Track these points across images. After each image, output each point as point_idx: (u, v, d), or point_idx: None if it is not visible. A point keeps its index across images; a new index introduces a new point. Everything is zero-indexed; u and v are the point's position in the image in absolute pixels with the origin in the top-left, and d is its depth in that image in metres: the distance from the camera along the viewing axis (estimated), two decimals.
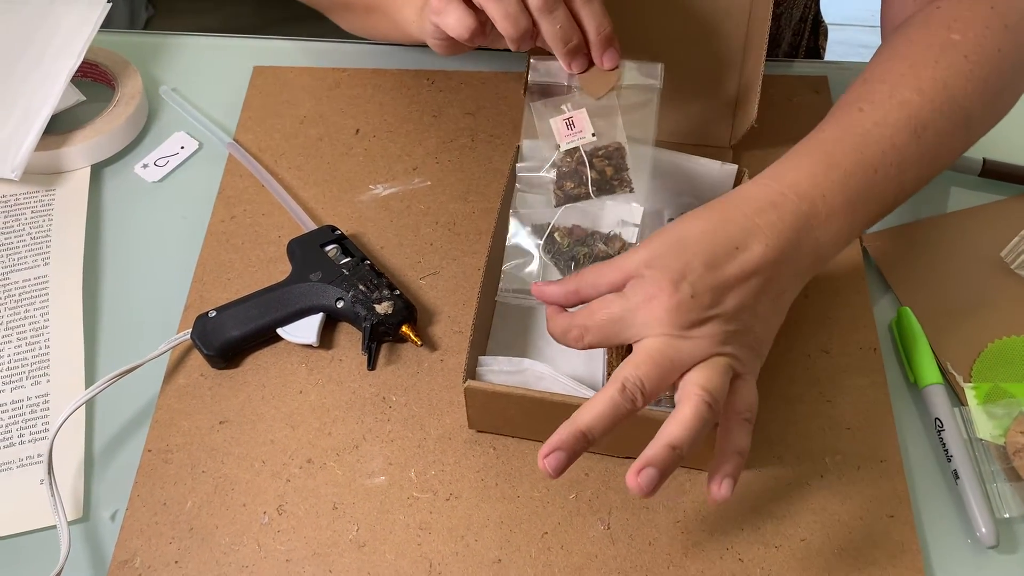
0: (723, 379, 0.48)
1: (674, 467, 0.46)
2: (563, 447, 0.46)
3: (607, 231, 0.57)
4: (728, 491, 0.48)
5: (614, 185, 0.57)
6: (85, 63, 0.76)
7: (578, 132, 0.57)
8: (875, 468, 0.57)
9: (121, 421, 0.61)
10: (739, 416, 0.50)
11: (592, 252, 0.56)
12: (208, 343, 0.61)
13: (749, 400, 0.50)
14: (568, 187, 0.57)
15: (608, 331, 0.50)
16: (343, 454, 0.58)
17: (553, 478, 0.47)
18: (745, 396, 0.50)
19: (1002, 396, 0.60)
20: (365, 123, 0.75)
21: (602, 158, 0.58)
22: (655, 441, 0.47)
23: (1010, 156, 0.72)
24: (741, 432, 0.49)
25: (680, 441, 0.46)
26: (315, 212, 0.70)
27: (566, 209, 0.57)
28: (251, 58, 0.80)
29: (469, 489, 0.57)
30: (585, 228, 0.57)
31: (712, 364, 0.49)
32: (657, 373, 0.48)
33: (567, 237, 0.56)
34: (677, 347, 0.48)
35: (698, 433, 0.47)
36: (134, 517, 0.57)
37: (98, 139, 0.72)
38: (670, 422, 0.47)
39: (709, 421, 0.47)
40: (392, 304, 0.61)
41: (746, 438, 0.49)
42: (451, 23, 0.54)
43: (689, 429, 0.46)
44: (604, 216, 0.57)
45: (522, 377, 0.57)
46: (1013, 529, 0.56)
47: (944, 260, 0.67)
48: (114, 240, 0.70)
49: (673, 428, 0.47)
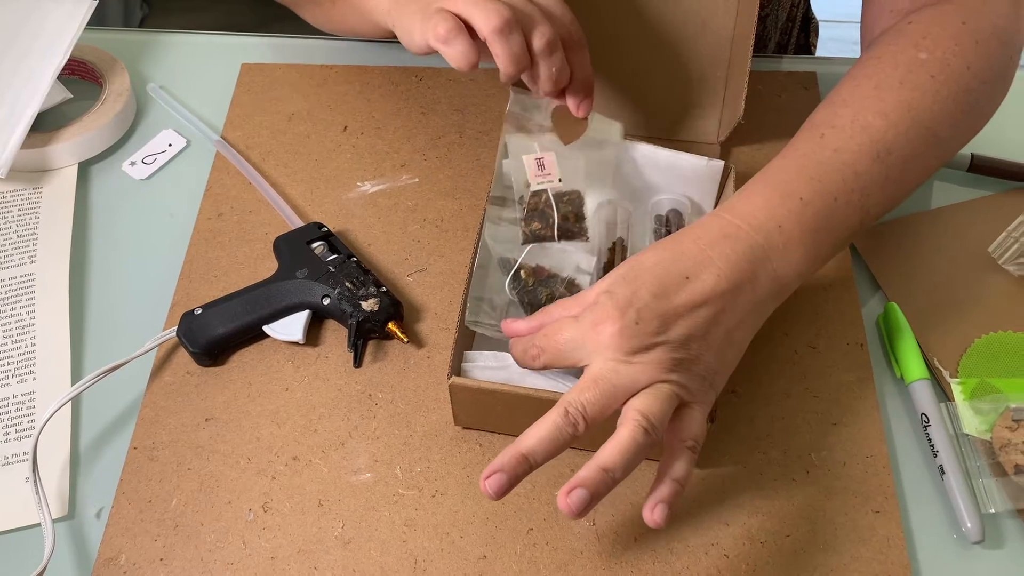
0: (664, 405, 0.48)
1: (606, 490, 0.47)
2: (504, 469, 0.47)
3: (566, 275, 0.59)
4: (660, 517, 0.48)
5: (574, 232, 0.60)
6: (73, 60, 0.76)
7: (547, 174, 0.59)
8: (861, 464, 0.57)
9: (107, 418, 0.61)
10: (682, 444, 0.49)
11: (553, 294, 0.58)
12: (194, 340, 0.61)
13: (693, 429, 0.50)
14: (535, 227, 0.59)
15: (560, 352, 0.51)
16: (329, 451, 0.58)
17: (494, 499, 0.47)
18: (689, 425, 0.50)
19: (989, 391, 0.60)
20: (353, 120, 0.75)
21: (566, 203, 0.60)
22: (589, 463, 0.47)
23: (999, 151, 0.72)
24: (681, 460, 0.49)
25: (613, 464, 0.47)
26: (302, 209, 0.70)
27: (532, 248, 0.59)
28: (239, 55, 0.80)
29: (455, 486, 0.57)
30: (548, 269, 0.59)
31: (655, 391, 0.49)
32: (599, 398, 0.48)
33: (531, 276, 0.58)
34: (620, 372, 0.49)
35: (632, 457, 0.47)
36: (119, 515, 0.56)
37: (85, 137, 0.72)
38: (606, 445, 0.47)
39: (644, 446, 0.47)
40: (378, 301, 0.61)
41: (686, 466, 0.49)
42: (454, 55, 0.54)
43: (623, 453, 0.47)
44: (565, 260, 0.59)
45: (507, 373, 0.57)
46: (999, 524, 0.56)
47: (932, 256, 0.67)
48: (101, 238, 0.69)
49: (607, 451, 0.47)
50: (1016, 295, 0.64)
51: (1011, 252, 0.65)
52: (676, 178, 0.65)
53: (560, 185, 0.60)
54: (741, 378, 0.60)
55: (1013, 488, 0.56)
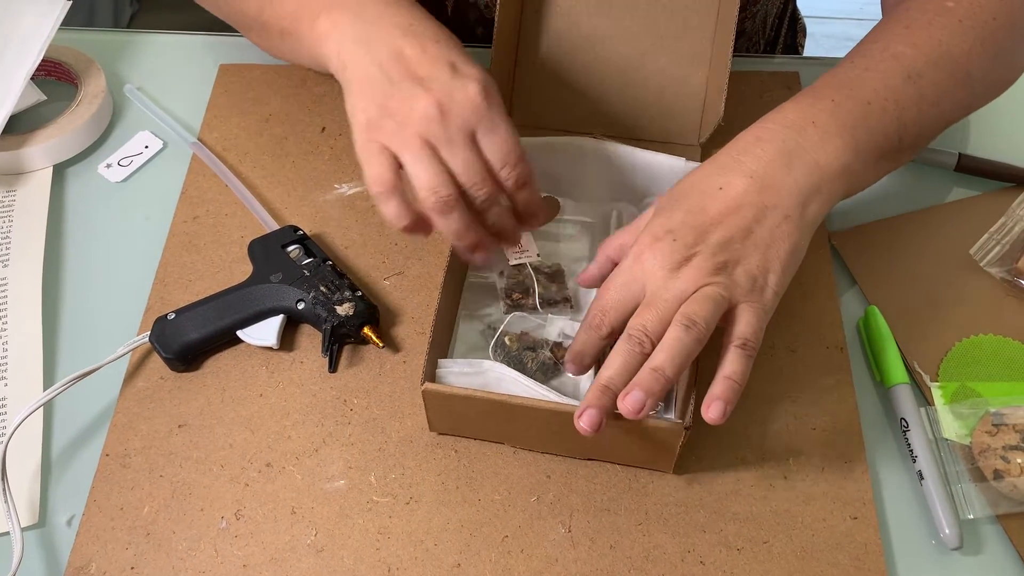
0: (707, 305, 0.50)
1: (660, 389, 0.49)
2: (593, 404, 0.50)
3: (553, 340, 0.60)
4: (716, 413, 0.49)
5: (557, 300, 0.62)
6: (48, 61, 0.75)
7: (525, 251, 0.62)
8: (840, 469, 0.57)
9: (79, 424, 0.60)
10: (731, 343, 0.51)
11: (539, 357, 0.59)
12: (167, 346, 0.60)
13: (742, 328, 0.51)
14: (516, 297, 0.61)
15: (620, 302, 0.53)
16: (303, 458, 0.58)
17: (592, 434, 0.50)
18: (739, 324, 0.51)
19: (969, 395, 0.59)
20: (331, 121, 0.74)
21: (546, 276, 0.63)
22: (643, 367, 0.50)
23: (987, 151, 0.71)
24: (731, 358, 0.51)
25: (661, 364, 0.49)
26: (279, 212, 0.69)
27: (515, 316, 0.61)
28: (218, 56, 0.79)
29: (430, 493, 0.56)
30: (533, 336, 0.60)
31: (699, 294, 0.51)
32: (655, 314, 0.51)
33: (516, 342, 0.60)
34: (668, 286, 0.51)
35: (677, 354, 0.49)
36: (90, 522, 0.56)
37: (60, 139, 0.71)
38: (656, 350, 0.50)
39: (688, 343, 0.49)
40: (353, 305, 0.61)
41: (735, 364, 0.50)
42: (387, 214, 0.55)
43: (668, 351, 0.49)
44: (549, 327, 0.61)
45: (483, 379, 0.57)
46: (978, 530, 0.55)
47: (913, 258, 0.66)
48: (76, 241, 0.69)
49: (656, 355, 0.50)
50: (998, 298, 0.64)
51: (993, 254, 0.65)
52: (654, 179, 0.65)
53: (539, 259, 0.62)
54: None
55: (992, 494, 0.55)
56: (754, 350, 0.51)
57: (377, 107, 0.54)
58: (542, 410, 0.53)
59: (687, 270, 0.51)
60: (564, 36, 0.69)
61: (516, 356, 0.59)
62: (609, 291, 0.53)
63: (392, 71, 0.55)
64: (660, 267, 0.52)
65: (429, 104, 0.53)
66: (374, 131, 0.55)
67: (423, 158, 0.53)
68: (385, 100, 0.54)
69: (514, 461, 0.57)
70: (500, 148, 0.55)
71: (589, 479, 0.57)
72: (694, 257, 0.51)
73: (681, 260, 0.51)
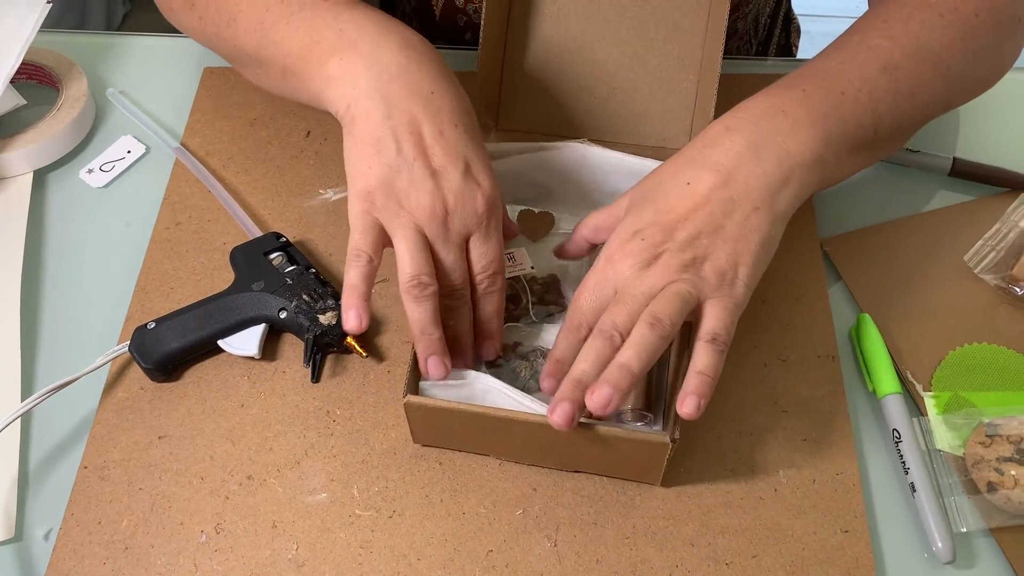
0: (672, 303, 0.50)
1: (627, 384, 0.49)
2: (566, 398, 0.50)
3: (546, 348, 0.59)
4: (691, 408, 0.50)
5: (552, 309, 0.61)
6: (28, 65, 0.74)
7: (519, 264, 0.61)
8: (831, 481, 0.56)
9: (58, 436, 0.59)
10: (700, 340, 0.51)
11: (533, 367, 0.58)
12: (146, 356, 0.59)
13: (711, 324, 0.51)
14: (510, 308, 0.60)
15: (593, 304, 0.53)
16: (284, 470, 0.57)
17: (566, 428, 0.50)
18: (707, 320, 0.51)
19: (963, 406, 0.58)
20: (316, 125, 0.73)
21: (541, 286, 0.62)
22: (611, 363, 0.50)
23: (981, 156, 0.70)
24: (702, 353, 0.51)
25: (627, 360, 0.50)
26: (262, 218, 0.68)
27: (507, 328, 0.59)
28: (202, 59, 0.78)
29: (413, 506, 0.55)
30: (526, 346, 0.60)
31: (666, 291, 0.51)
32: (624, 310, 0.51)
33: (509, 352, 0.59)
34: (637, 284, 0.52)
35: (642, 351, 0.50)
36: (68, 536, 0.55)
37: (41, 143, 0.70)
38: (623, 348, 0.50)
39: (652, 341, 0.50)
40: (336, 314, 0.59)
41: (707, 359, 0.51)
42: (348, 280, 0.54)
43: (634, 348, 0.50)
44: (542, 335, 0.60)
45: (468, 390, 0.56)
46: (971, 543, 0.54)
47: (906, 265, 0.65)
48: (56, 248, 0.68)
49: (623, 352, 0.50)
50: (992, 305, 0.63)
51: (987, 261, 0.64)
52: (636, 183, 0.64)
53: (533, 271, 0.62)
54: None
55: (986, 506, 0.54)
56: (725, 344, 0.51)
57: (383, 181, 0.53)
58: (527, 423, 0.52)
59: (655, 268, 0.52)
60: (552, 40, 0.68)
61: (510, 367, 0.58)
62: (583, 295, 0.54)
63: (406, 147, 0.53)
64: (630, 267, 0.52)
65: (438, 202, 0.53)
66: (373, 205, 0.54)
67: (415, 246, 0.53)
68: (393, 177, 0.53)
69: (499, 474, 0.56)
70: (486, 256, 0.55)
71: (576, 492, 0.56)
72: (662, 255, 0.52)
73: (649, 259, 0.52)
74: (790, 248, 0.65)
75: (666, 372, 0.58)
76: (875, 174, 0.71)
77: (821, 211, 0.68)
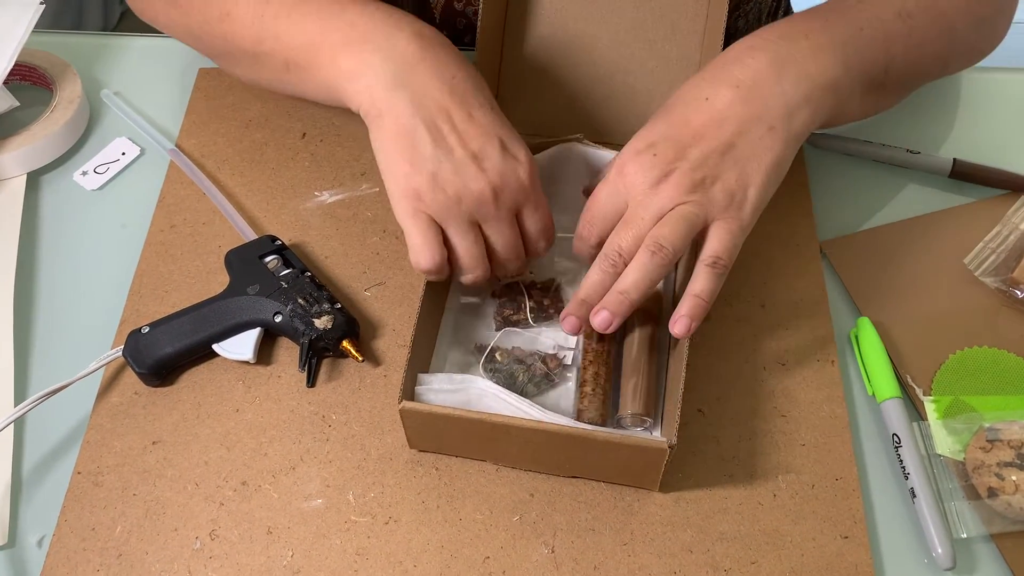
0: (677, 226, 0.51)
1: (626, 310, 0.52)
2: (572, 312, 0.54)
3: (545, 352, 0.59)
4: (682, 329, 0.52)
5: (551, 314, 0.61)
6: (22, 66, 0.73)
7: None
8: (830, 487, 0.55)
9: (51, 442, 0.59)
10: (701, 261, 0.52)
11: (531, 370, 0.58)
12: (140, 360, 0.59)
13: (714, 247, 0.52)
14: (507, 313, 0.61)
15: (602, 212, 0.54)
16: (279, 476, 0.56)
17: (573, 335, 0.56)
18: (711, 242, 0.52)
19: (963, 410, 0.58)
20: (312, 126, 0.73)
21: (540, 291, 0.62)
22: (611, 289, 0.53)
23: (981, 157, 0.69)
24: (699, 276, 0.52)
25: (626, 287, 0.52)
26: (257, 221, 0.68)
27: (506, 332, 0.60)
28: (197, 60, 0.77)
29: (409, 512, 0.55)
30: (524, 350, 0.59)
31: (673, 213, 0.52)
32: (631, 234, 0.52)
33: (507, 356, 0.59)
34: (645, 204, 0.52)
35: (642, 277, 0.52)
36: (61, 543, 0.54)
37: (34, 145, 0.69)
38: (625, 273, 0.52)
39: (652, 267, 0.51)
40: (332, 318, 0.59)
41: (705, 282, 0.52)
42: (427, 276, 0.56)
43: (633, 274, 0.52)
44: (541, 339, 0.60)
45: (465, 395, 0.55)
46: (971, 550, 0.54)
47: (907, 267, 0.65)
48: (50, 251, 0.67)
49: (623, 278, 0.52)
50: (993, 308, 0.62)
51: (988, 263, 0.63)
52: None
53: (532, 276, 0.62)
54: (706, 396, 0.58)
55: (986, 512, 0.54)
56: (725, 268, 0.52)
57: (427, 176, 0.53)
58: (524, 428, 0.51)
59: (665, 186, 0.52)
60: (549, 40, 0.68)
61: (507, 371, 0.58)
62: (595, 203, 0.55)
63: (441, 136, 0.54)
64: (641, 182, 0.53)
65: (485, 187, 0.54)
66: (422, 201, 0.54)
67: (470, 235, 0.55)
68: (436, 169, 0.53)
69: (496, 479, 0.56)
70: (539, 223, 0.57)
71: (573, 497, 0.55)
72: (672, 173, 0.52)
73: (660, 176, 0.52)
74: (789, 251, 0.65)
75: (664, 377, 0.58)
76: (874, 175, 0.70)
77: (820, 213, 0.68)
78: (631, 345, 0.58)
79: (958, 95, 0.75)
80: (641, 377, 0.56)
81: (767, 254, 0.65)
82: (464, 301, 0.62)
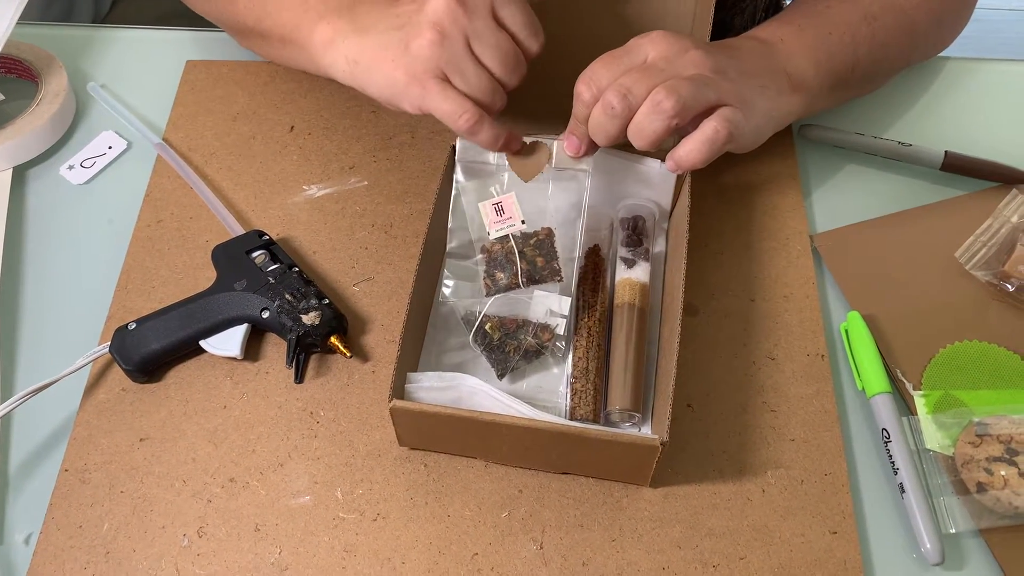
0: (697, 84, 0.53)
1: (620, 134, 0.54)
2: (573, 132, 0.57)
3: (536, 321, 0.57)
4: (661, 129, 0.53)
5: (544, 275, 0.57)
6: (6, 58, 0.73)
7: (508, 219, 0.58)
8: (819, 482, 0.55)
9: (38, 439, 0.58)
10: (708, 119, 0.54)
11: (521, 345, 0.57)
12: (127, 357, 0.58)
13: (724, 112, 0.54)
14: (498, 277, 0.57)
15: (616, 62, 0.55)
16: (267, 473, 0.56)
17: (575, 156, 0.57)
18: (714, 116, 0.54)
19: (953, 405, 0.57)
20: (300, 120, 0.72)
21: (533, 247, 0.58)
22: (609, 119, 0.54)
23: (973, 150, 0.69)
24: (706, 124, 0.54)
25: (639, 121, 0.53)
26: (245, 215, 0.67)
27: (496, 299, 0.57)
28: (184, 52, 0.77)
29: (398, 509, 0.55)
30: (515, 318, 0.57)
31: (694, 75, 0.54)
32: (644, 78, 0.53)
33: (497, 330, 0.57)
34: (672, 60, 0.54)
35: (652, 113, 0.52)
36: (48, 541, 0.54)
37: (20, 139, 0.69)
38: (634, 118, 0.53)
39: (663, 111, 0.52)
40: (319, 314, 0.59)
41: (712, 126, 0.54)
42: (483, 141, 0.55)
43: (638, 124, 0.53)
44: (533, 305, 0.57)
45: (455, 393, 0.55)
46: (960, 545, 0.54)
47: (897, 261, 0.64)
48: (36, 246, 0.67)
49: (637, 112, 0.53)
50: (983, 302, 0.62)
51: (979, 257, 0.63)
52: (633, 183, 0.63)
53: (524, 227, 0.58)
54: (695, 391, 0.58)
55: (975, 507, 0.54)
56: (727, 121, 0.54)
57: (404, 50, 0.54)
58: (515, 426, 0.51)
59: (695, 53, 0.55)
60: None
61: (498, 345, 0.57)
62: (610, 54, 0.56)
63: (397, 24, 0.55)
64: (668, 46, 0.55)
65: (446, 5, 0.53)
66: (419, 73, 0.54)
67: (471, 66, 0.54)
68: (406, 38, 0.54)
69: (485, 475, 0.56)
70: (521, 16, 0.56)
71: (562, 493, 0.55)
72: (699, 48, 0.55)
73: (690, 45, 0.55)
74: (779, 244, 0.65)
75: (653, 372, 0.58)
76: (865, 168, 0.70)
77: (811, 206, 0.67)
78: (619, 339, 0.57)
79: (950, 87, 0.75)
80: (629, 372, 0.56)
81: (757, 247, 0.65)
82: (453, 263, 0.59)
